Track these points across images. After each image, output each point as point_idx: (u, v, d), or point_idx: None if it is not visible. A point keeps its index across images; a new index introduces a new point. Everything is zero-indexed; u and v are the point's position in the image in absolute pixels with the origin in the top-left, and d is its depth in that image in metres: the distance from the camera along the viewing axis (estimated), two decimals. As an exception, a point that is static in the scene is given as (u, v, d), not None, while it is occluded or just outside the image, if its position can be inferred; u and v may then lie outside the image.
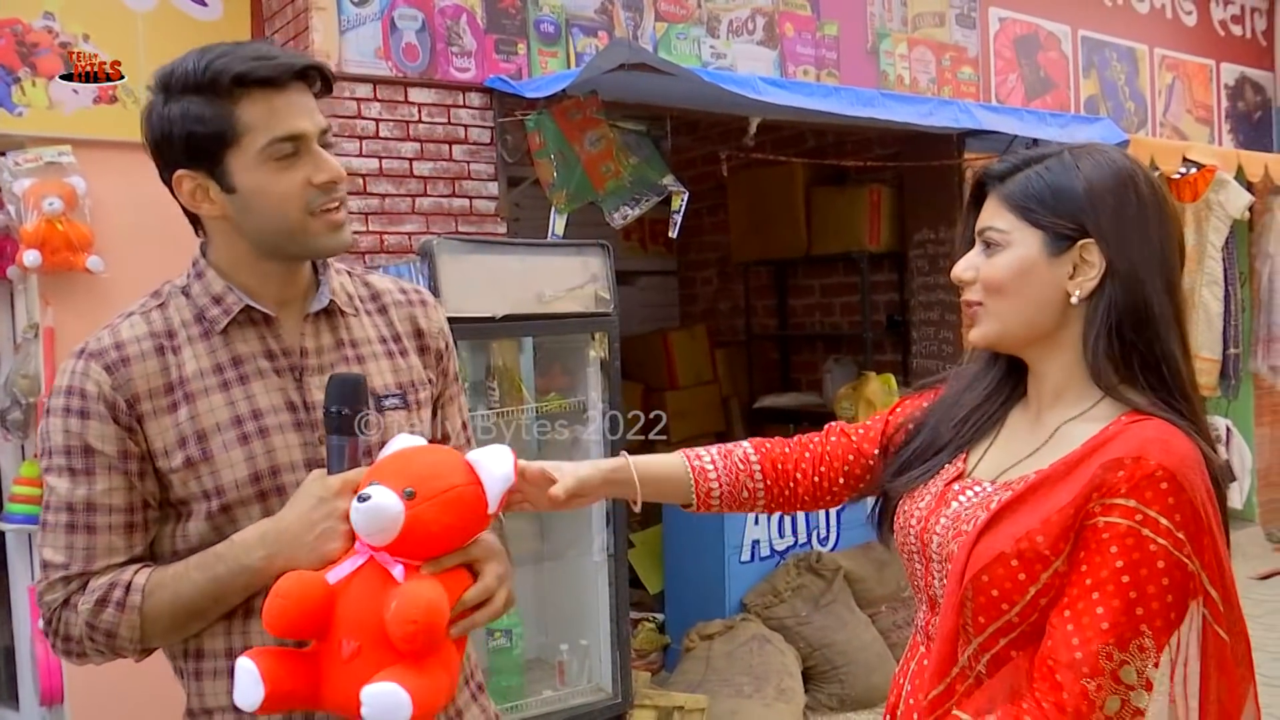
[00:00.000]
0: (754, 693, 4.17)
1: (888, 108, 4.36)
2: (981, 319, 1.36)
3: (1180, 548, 1.16)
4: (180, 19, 3.83)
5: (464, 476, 1.33)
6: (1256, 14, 7.46)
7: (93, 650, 1.39)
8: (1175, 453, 1.19)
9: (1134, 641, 1.15)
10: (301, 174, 1.39)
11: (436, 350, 1.64)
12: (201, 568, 1.36)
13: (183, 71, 1.37)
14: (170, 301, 1.48)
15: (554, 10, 4.20)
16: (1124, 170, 1.31)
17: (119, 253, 3.69)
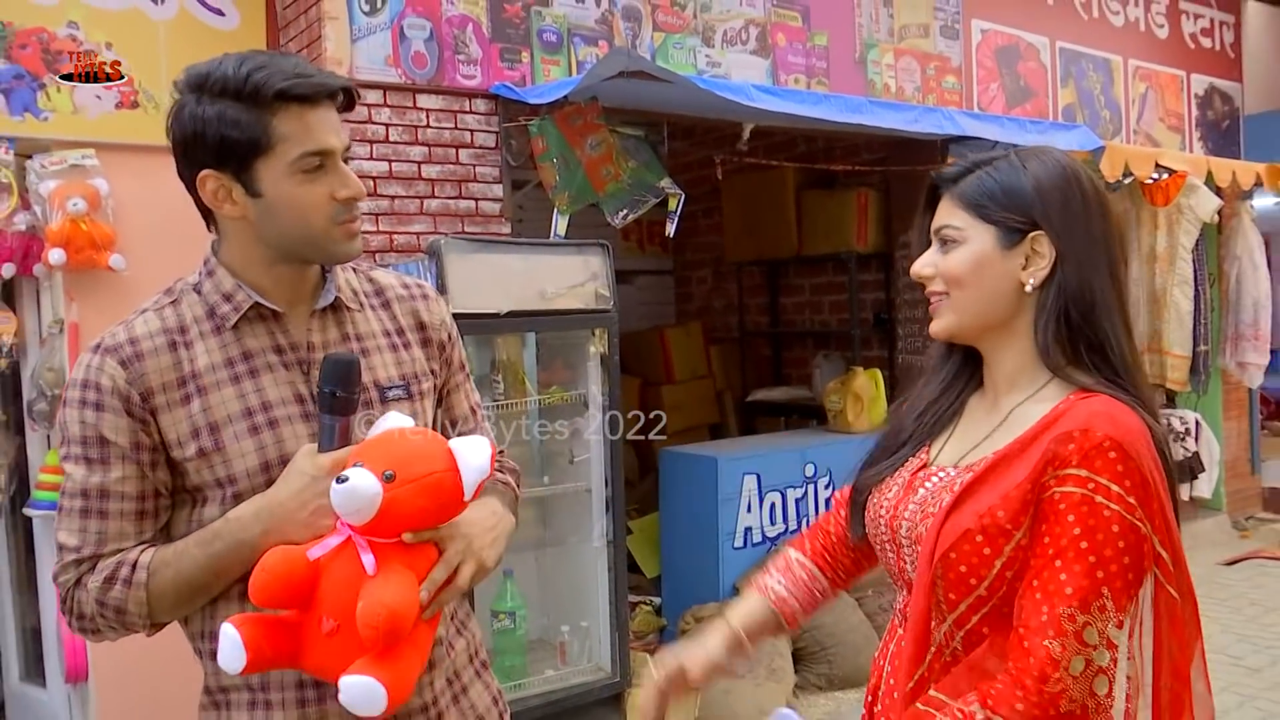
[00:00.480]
0: (746, 673, 4.17)
1: (875, 115, 4.35)
2: (943, 311, 1.39)
3: (1132, 511, 1.19)
4: (199, 28, 3.82)
5: (444, 463, 1.33)
6: (1225, 27, 7.46)
7: (105, 626, 1.39)
8: (1121, 424, 1.22)
9: (1095, 603, 1.17)
10: (326, 187, 1.40)
11: (439, 341, 1.64)
12: (201, 544, 1.37)
13: (221, 76, 1.36)
14: (182, 298, 1.47)
15: (556, 20, 4.19)
16: (1067, 169, 1.36)
17: (139, 251, 3.68)
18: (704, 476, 4.71)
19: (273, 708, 1.43)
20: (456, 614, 1.60)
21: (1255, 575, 6.12)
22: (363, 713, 1.26)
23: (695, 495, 4.77)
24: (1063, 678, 1.16)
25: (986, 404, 1.41)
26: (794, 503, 4.96)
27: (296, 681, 1.42)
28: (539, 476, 3.84)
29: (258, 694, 1.43)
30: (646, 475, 5.98)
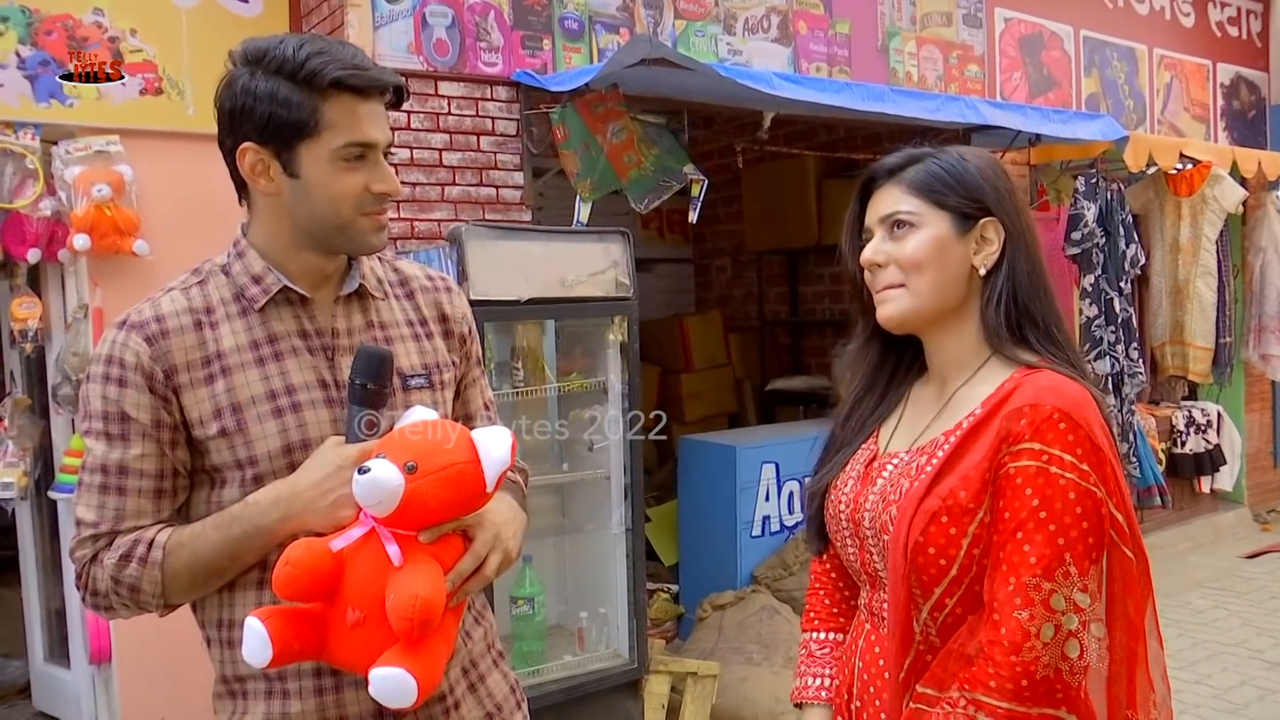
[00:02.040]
0: (763, 660, 4.16)
1: (896, 103, 4.31)
2: (896, 298, 1.38)
3: (1086, 478, 1.21)
4: (223, 15, 3.81)
5: (466, 454, 1.33)
6: (1252, 16, 7.36)
7: (118, 604, 1.39)
8: (1068, 395, 1.25)
9: (1058, 570, 1.20)
10: (364, 178, 1.41)
11: (460, 334, 1.64)
12: (219, 528, 1.36)
13: (280, 55, 1.36)
14: (210, 279, 1.47)
15: (578, 7, 4.17)
16: (996, 161, 1.42)
17: (163, 237, 3.70)
18: (723, 465, 4.70)
19: (290, 697, 1.41)
20: (474, 603, 1.59)
21: (1276, 569, 6.06)
22: (393, 704, 1.26)
23: (714, 483, 4.75)
24: (1034, 645, 1.18)
25: (933, 389, 1.43)
26: (812, 492, 4.94)
27: (314, 670, 1.41)
28: (558, 464, 3.83)
29: (274, 683, 1.42)
30: (665, 463, 5.97)
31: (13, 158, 3.46)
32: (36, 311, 3.64)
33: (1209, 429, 6.70)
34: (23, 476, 3.73)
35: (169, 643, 3.76)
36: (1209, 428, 6.70)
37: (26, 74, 3.47)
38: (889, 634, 1.33)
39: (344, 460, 1.33)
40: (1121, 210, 5.65)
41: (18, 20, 3.45)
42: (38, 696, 4.21)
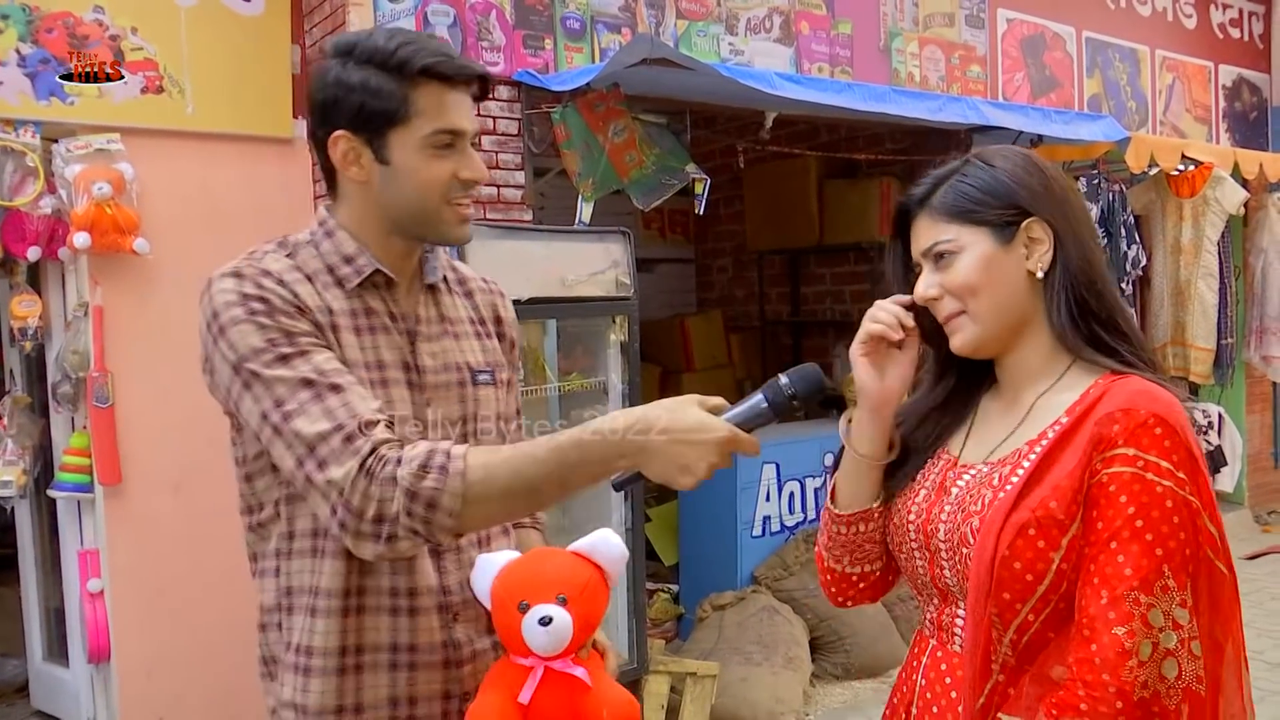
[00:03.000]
0: (763, 661, 4.15)
1: (898, 103, 4.30)
2: (963, 326, 1.32)
3: (1183, 486, 1.15)
4: (224, 14, 3.80)
5: (587, 567, 1.41)
6: (1254, 17, 7.34)
7: (405, 531, 1.26)
8: (1161, 400, 1.19)
9: (1157, 583, 1.12)
10: (452, 165, 1.42)
11: (510, 339, 1.67)
12: (555, 450, 1.28)
13: (371, 46, 1.39)
14: (298, 252, 1.47)
15: (580, 7, 4.16)
16: (1028, 156, 1.35)
17: (164, 236, 3.69)
18: (723, 465, 4.68)
19: (363, 671, 1.42)
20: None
21: (1277, 569, 6.06)
22: None
23: (713, 483, 4.72)
24: (1131, 665, 1.10)
25: (1004, 402, 1.37)
26: (813, 492, 4.93)
27: (390, 644, 1.42)
28: (558, 463, 3.83)
29: (348, 658, 1.41)
30: (665, 463, 5.96)
31: (13, 155, 3.46)
32: (36, 310, 3.63)
33: (1210, 430, 6.68)
34: (22, 475, 3.72)
35: (168, 641, 3.75)
36: (1210, 429, 6.69)
37: (27, 72, 3.46)
38: (967, 655, 1.25)
39: (715, 435, 1.26)
40: (1123, 211, 5.64)
41: (18, 18, 3.44)
42: (36, 695, 4.20)
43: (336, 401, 1.29)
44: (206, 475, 3.83)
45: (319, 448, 1.27)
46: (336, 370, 1.33)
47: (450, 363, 1.51)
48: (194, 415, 3.79)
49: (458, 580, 1.46)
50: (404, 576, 1.42)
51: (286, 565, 1.43)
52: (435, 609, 1.44)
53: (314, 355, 1.33)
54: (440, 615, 1.45)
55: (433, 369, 1.48)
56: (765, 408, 1.32)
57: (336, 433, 1.27)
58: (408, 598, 1.42)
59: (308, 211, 4.09)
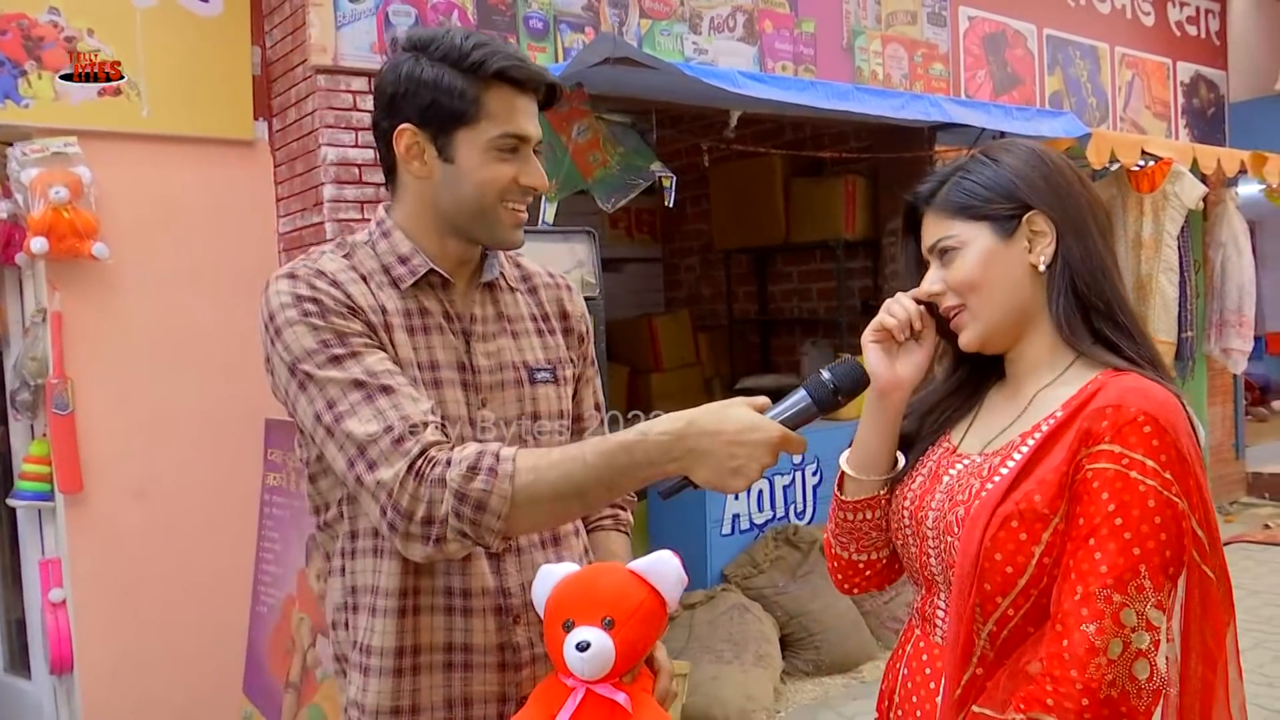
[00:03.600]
0: (734, 659, 4.15)
1: (861, 101, 4.32)
2: (967, 322, 1.33)
3: (1168, 487, 1.13)
4: (181, 15, 3.76)
5: (641, 589, 1.35)
6: (1210, 15, 7.44)
7: (454, 533, 1.26)
8: (1154, 398, 1.18)
9: (1131, 583, 1.11)
10: (513, 170, 1.43)
11: (579, 333, 1.65)
12: (603, 454, 1.27)
13: (447, 43, 1.40)
14: (355, 252, 1.48)
15: (542, 6, 4.15)
16: (1035, 149, 1.34)
17: (124, 240, 3.64)
18: (692, 464, 4.68)
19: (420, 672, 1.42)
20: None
21: (1239, 560, 6.13)
22: None
23: (683, 483, 4.74)
24: (1100, 662, 1.10)
25: (1008, 393, 1.37)
26: (782, 490, 4.94)
27: (445, 644, 1.43)
28: (526, 465, 3.82)
29: (405, 659, 1.42)
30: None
31: (-33, 160, 3.40)
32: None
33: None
34: (-19, 484, 3.66)
35: (132, 651, 3.70)
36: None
37: (-20, 75, 3.41)
38: (948, 645, 1.26)
39: (765, 436, 1.26)
40: (1085, 207, 5.68)
41: (-30, 20, 3.39)
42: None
43: (387, 403, 1.30)
44: (171, 481, 3.78)
45: (369, 449, 1.28)
46: (388, 371, 1.34)
47: (506, 362, 1.51)
48: (157, 421, 3.76)
49: (519, 583, 1.46)
50: (459, 577, 1.42)
51: (351, 564, 1.45)
52: (492, 610, 1.44)
53: (366, 356, 1.34)
54: (498, 617, 1.44)
55: (488, 369, 1.48)
56: (810, 404, 1.32)
57: (386, 434, 1.28)
58: (462, 598, 1.43)
59: (270, 214, 4.05)
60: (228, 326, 3.85)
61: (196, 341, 3.83)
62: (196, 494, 3.84)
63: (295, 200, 3.90)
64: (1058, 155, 1.35)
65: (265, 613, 3.83)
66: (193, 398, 3.82)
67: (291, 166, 3.90)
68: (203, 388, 3.83)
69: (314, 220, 3.76)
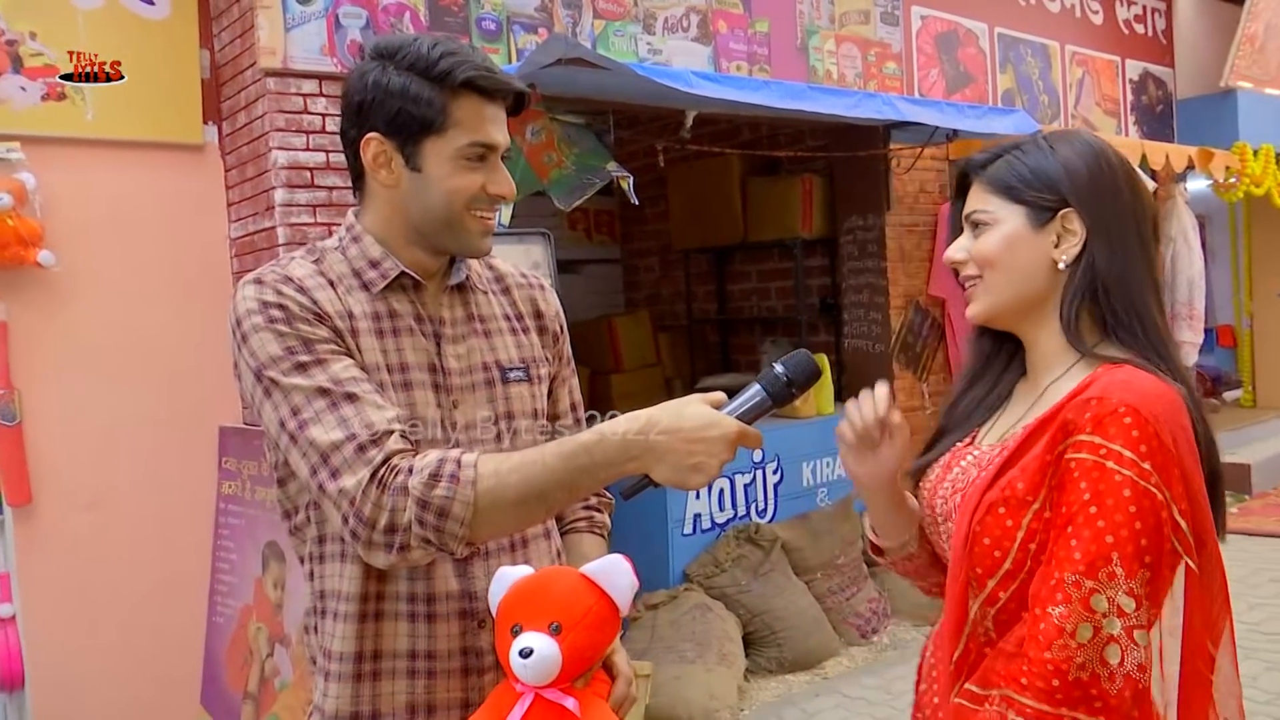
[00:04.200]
0: (697, 658, 4.15)
1: (814, 100, 4.33)
2: (978, 294, 1.38)
3: (1146, 477, 1.15)
4: (127, 18, 3.69)
5: (592, 594, 1.35)
6: (1157, 14, 7.55)
7: (418, 540, 1.26)
8: (1138, 389, 1.20)
9: (1103, 570, 1.14)
10: (481, 178, 1.43)
11: (553, 332, 1.66)
12: (563, 457, 1.28)
13: (414, 52, 1.40)
14: (325, 257, 1.48)
15: (495, 8, 4.13)
16: (1094, 146, 1.35)
17: (70, 247, 3.58)
18: (653, 464, 4.68)
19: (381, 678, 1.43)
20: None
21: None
22: None
23: (643, 483, 4.73)
24: (1067, 644, 1.13)
25: (1027, 386, 1.41)
26: (743, 488, 4.95)
27: (409, 651, 1.42)
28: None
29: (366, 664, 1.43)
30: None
31: (-94, 167, 3.33)
32: (-64, 326, 3.50)
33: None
34: (-74, 498, 3.58)
35: (84, 666, 3.64)
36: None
37: (-81, 80, 3.33)
38: (945, 622, 1.31)
39: (723, 432, 1.27)
40: (1038, 203, 5.75)
41: (-92, 24, 3.31)
42: (-51, 725, 4.05)
43: (351, 411, 1.30)
44: (123, 492, 3.72)
45: (332, 457, 1.28)
46: (353, 379, 1.34)
47: (477, 363, 1.51)
48: (109, 431, 3.70)
49: (485, 587, 1.44)
50: (422, 582, 1.42)
51: (319, 569, 1.45)
52: (457, 615, 1.44)
53: (331, 364, 1.34)
54: (463, 622, 1.44)
55: (458, 370, 1.48)
56: (765, 397, 1.33)
57: (349, 442, 1.28)
58: (425, 604, 1.42)
59: (221, 219, 4.00)
60: (180, 333, 3.80)
61: (148, 349, 3.77)
62: (150, 504, 3.78)
63: (246, 204, 3.85)
64: (1118, 158, 1.36)
65: (222, 623, 3.78)
66: (145, 406, 3.76)
67: (242, 170, 3.85)
68: (155, 396, 3.78)
69: (265, 225, 3.71)
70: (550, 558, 1.57)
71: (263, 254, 3.72)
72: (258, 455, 3.59)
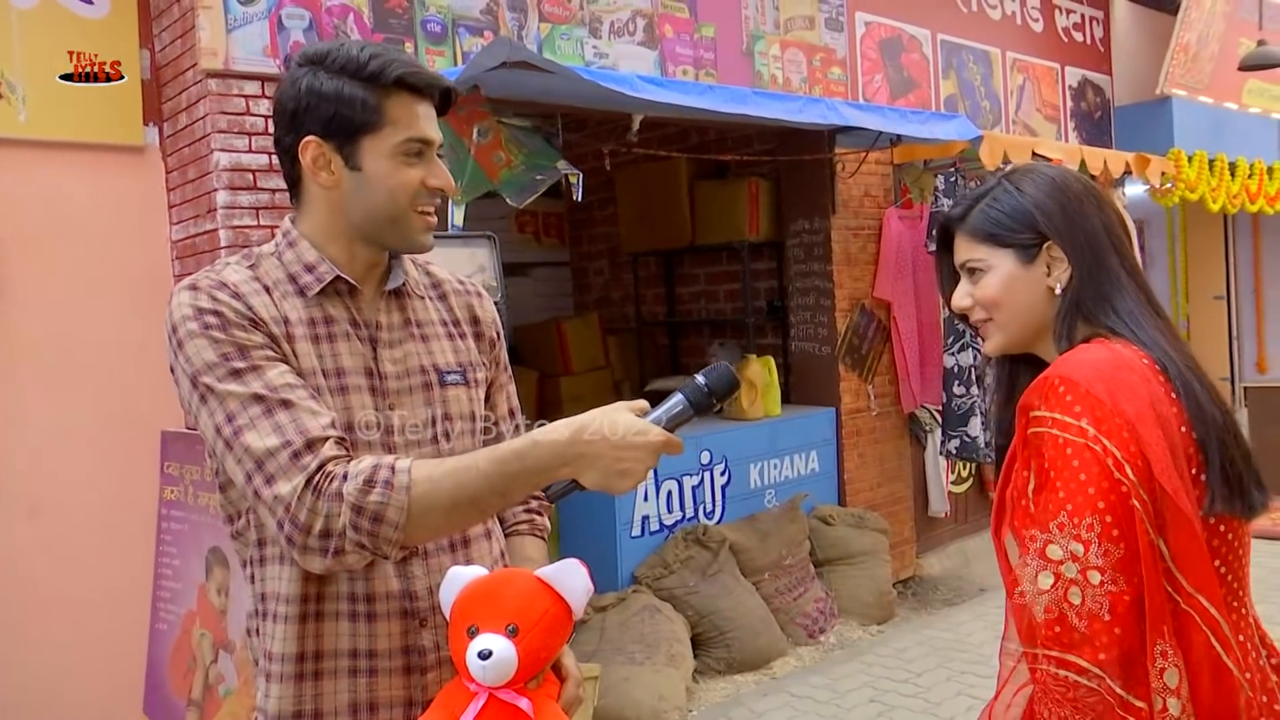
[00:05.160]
0: (645, 660, 4.17)
1: (759, 105, 4.37)
2: (991, 333, 1.53)
3: (1084, 435, 1.29)
4: (64, 16, 3.64)
5: (548, 597, 1.38)
6: (1095, 22, 7.71)
7: (352, 545, 1.28)
8: (1075, 361, 1.35)
9: (1053, 522, 1.28)
10: (420, 173, 1.47)
11: (490, 338, 1.68)
12: (496, 461, 1.31)
13: (344, 56, 1.43)
14: (260, 262, 1.49)
15: (440, 10, 4.12)
16: (1055, 177, 1.51)
17: (7, 249, 3.52)
18: (601, 467, 4.69)
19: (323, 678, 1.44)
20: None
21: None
22: None
23: (593, 485, 4.74)
24: (1027, 590, 1.28)
25: None
26: (690, 490, 4.98)
27: (350, 651, 1.43)
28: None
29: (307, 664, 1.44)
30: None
31: None
32: None
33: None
34: None
35: (25, 675, 3.57)
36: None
37: None
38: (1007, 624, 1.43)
39: (648, 440, 1.32)
40: (980, 207, 5.83)
41: None
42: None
43: (286, 418, 1.32)
44: (64, 498, 3.67)
45: (267, 463, 1.30)
46: (288, 385, 1.35)
47: (414, 367, 1.52)
48: (48, 436, 3.64)
49: (426, 586, 1.47)
50: (362, 582, 1.43)
51: (260, 572, 1.46)
52: (398, 614, 1.45)
53: (267, 370, 1.35)
54: (403, 620, 1.45)
55: (394, 374, 1.50)
56: (686, 407, 1.39)
57: (284, 449, 1.30)
58: (365, 603, 1.43)
59: (162, 222, 3.95)
60: (121, 337, 3.74)
61: (88, 353, 3.72)
62: (91, 510, 3.72)
63: (188, 207, 3.80)
64: (1076, 182, 1.51)
65: (165, 630, 3.73)
66: (85, 411, 3.70)
67: (184, 173, 3.81)
68: (96, 401, 3.72)
69: (208, 227, 3.67)
70: (492, 558, 1.58)
71: (204, 256, 3.68)
72: (200, 460, 3.55)
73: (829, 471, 5.67)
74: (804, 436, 5.55)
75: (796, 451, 5.50)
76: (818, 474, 5.60)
